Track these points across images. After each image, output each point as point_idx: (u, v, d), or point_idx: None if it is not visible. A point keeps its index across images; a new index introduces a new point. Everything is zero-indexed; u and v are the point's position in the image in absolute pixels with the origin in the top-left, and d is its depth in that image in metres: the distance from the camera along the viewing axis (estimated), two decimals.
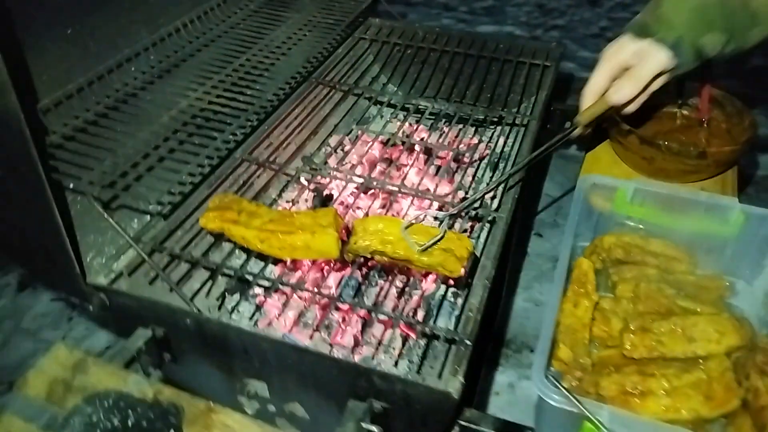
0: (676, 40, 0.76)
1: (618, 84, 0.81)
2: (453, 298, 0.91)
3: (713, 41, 0.76)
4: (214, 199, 0.89)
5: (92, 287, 0.81)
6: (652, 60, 0.78)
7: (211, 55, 1.06)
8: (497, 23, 3.07)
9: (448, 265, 0.78)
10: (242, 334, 0.76)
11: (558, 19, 3.14)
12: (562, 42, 1.35)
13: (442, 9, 3.19)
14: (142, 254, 0.81)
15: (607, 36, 2.89)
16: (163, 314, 0.79)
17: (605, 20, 3.10)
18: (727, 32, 0.76)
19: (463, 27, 2.98)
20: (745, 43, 0.77)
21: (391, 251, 0.80)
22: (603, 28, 3.04)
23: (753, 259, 0.92)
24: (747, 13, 0.75)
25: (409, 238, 0.80)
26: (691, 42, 0.76)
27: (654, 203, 0.94)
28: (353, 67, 1.29)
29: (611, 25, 3.02)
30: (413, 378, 0.72)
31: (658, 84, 0.81)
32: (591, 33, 3.00)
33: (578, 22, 3.11)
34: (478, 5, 3.24)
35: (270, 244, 0.83)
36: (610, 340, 0.83)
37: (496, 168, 1.06)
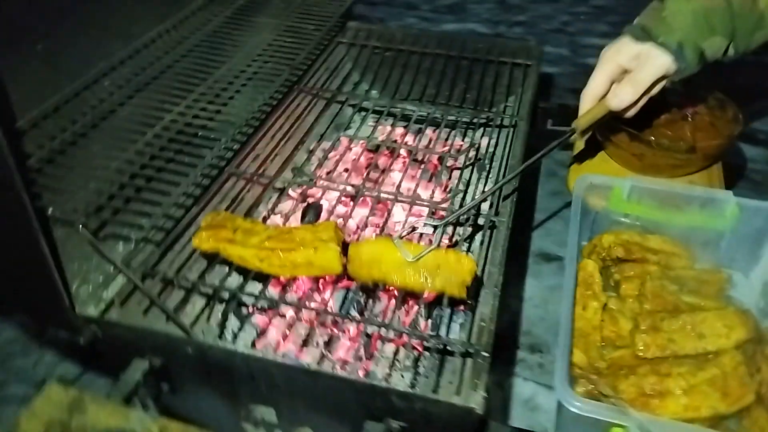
0: (678, 44, 0.75)
1: (618, 88, 0.80)
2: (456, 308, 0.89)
3: (715, 45, 0.75)
4: (206, 217, 0.85)
5: (82, 319, 0.76)
6: (653, 64, 0.77)
7: (190, 65, 1.02)
8: (460, 21, 3.08)
9: (451, 289, 0.76)
10: (249, 360, 0.72)
11: (519, 15, 3.16)
12: (526, 38, 1.35)
13: (404, 8, 3.18)
14: (136, 282, 0.76)
15: (568, 31, 2.93)
16: (161, 344, 0.75)
17: (566, 15, 3.14)
18: (729, 36, 0.75)
19: (427, 26, 2.97)
20: (747, 47, 0.77)
21: (392, 281, 0.77)
22: (564, 23, 3.08)
23: (748, 251, 0.93)
24: (754, 15, 0.74)
25: (402, 248, 0.78)
26: (693, 46, 0.75)
27: (650, 200, 0.94)
28: (334, 72, 1.26)
29: (571, 19, 3.06)
30: (434, 395, 0.70)
31: (658, 88, 0.81)
32: (552, 28, 3.02)
33: (539, 18, 3.14)
34: (441, 3, 3.24)
35: (270, 263, 0.79)
36: (619, 341, 0.83)
37: (489, 171, 1.05)
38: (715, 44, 0.75)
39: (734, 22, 0.74)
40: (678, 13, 0.75)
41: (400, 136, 1.17)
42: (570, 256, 0.82)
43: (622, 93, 0.79)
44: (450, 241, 1.00)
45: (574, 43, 2.80)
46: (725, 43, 0.76)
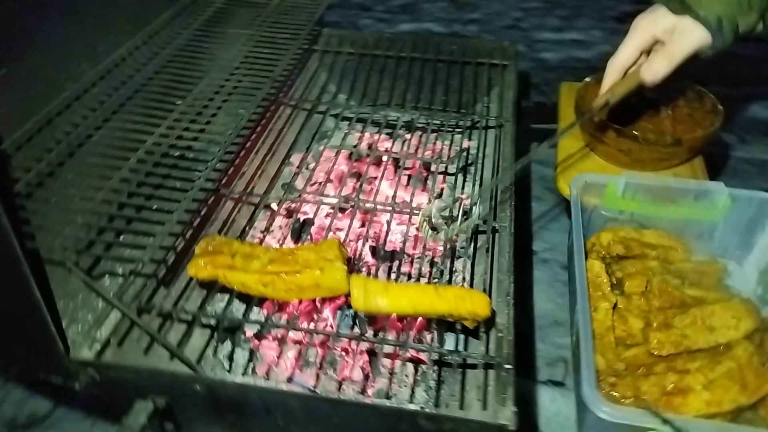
0: (718, 19, 0.73)
1: (653, 61, 0.77)
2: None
3: (748, 22, 0.74)
4: (200, 244, 0.81)
5: (78, 363, 0.71)
6: (691, 38, 0.74)
7: (165, 83, 0.97)
8: (415, 21, 3.08)
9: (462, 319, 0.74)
10: (264, 393, 0.69)
11: (472, 12, 3.18)
12: (481, 35, 1.35)
13: (358, 9, 3.15)
14: (135, 320, 0.71)
15: (521, 26, 2.96)
16: (166, 383, 0.71)
17: (517, 11, 3.18)
18: (761, 12, 0.74)
19: (383, 27, 2.96)
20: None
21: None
22: (516, 19, 3.11)
23: (742, 240, 0.94)
24: None
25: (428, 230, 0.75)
26: (732, 22, 0.73)
27: (644, 195, 0.95)
28: (311, 82, 1.23)
29: (524, 15, 3.10)
30: (464, 415, 0.68)
31: (687, 62, 0.78)
32: (506, 25, 3.05)
33: (492, 15, 3.17)
34: (394, 3, 3.23)
35: (275, 288, 0.76)
36: (630, 339, 0.83)
37: (482, 175, 1.03)
38: (749, 21, 0.74)
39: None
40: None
41: (383, 143, 1.15)
42: (578, 259, 0.81)
43: (657, 65, 0.77)
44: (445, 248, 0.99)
45: (528, 39, 2.83)
46: (757, 18, 0.74)
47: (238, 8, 1.21)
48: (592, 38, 2.80)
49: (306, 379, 0.82)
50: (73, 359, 0.70)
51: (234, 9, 1.21)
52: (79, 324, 0.76)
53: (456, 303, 0.72)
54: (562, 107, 1.29)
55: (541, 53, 2.69)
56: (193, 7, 1.17)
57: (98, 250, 0.71)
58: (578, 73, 2.57)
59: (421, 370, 0.80)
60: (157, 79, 0.98)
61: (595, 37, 2.79)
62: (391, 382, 0.78)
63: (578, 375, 0.81)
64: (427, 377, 0.80)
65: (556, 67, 2.53)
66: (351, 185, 1.02)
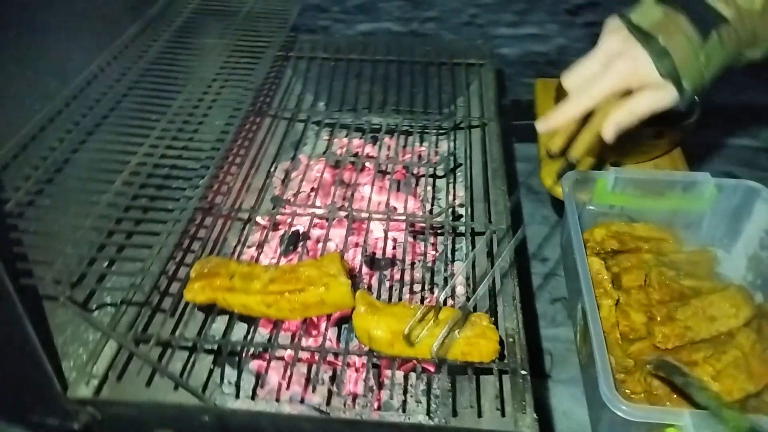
0: (692, 91, 0.67)
1: (615, 117, 0.69)
2: None
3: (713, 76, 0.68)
4: (195, 266, 0.77)
5: (76, 402, 0.67)
6: (664, 100, 0.68)
7: (142, 99, 0.93)
8: (373, 20, 3.06)
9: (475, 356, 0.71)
10: (277, 419, 0.66)
11: (429, 10, 3.19)
12: (439, 33, 1.35)
13: (315, 10, 3.12)
14: (135, 351, 0.68)
15: (477, 23, 2.99)
16: (171, 416, 0.67)
17: (474, 8, 3.20)
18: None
19: (341, 27, 2.93)
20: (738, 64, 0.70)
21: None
22: (473, 15, 3.13)
23: (728, 228, 0.96)
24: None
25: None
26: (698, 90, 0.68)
27: (634, 189, 0.96)
28: (288, 89, 1.20)
29: (479, 11, 3.12)
30: (487, 425, 0.67)
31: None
32: (463, 21, 3.07)
33: (449, 12, 3.18)
34: (350, 4, 3.20)
35: (279, 308, 0.73)
36: (633, 334, 0.83)
37: (471, 176, 1.02)
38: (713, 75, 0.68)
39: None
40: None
41: (368, 149, 1.13)
42: (580, 257, 0.81)
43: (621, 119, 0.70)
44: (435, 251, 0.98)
45: (486, 35, 2.85)
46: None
47: (207, 18, 1.17)
48: (548, 32, 2.84)
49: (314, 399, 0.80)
50: (70, 398, 0.66)
51: (203, 19, 1.16)
52: (72, 360, 0.72)
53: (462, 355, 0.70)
54: (539, 104, 1.30)
55: (499, 49, 2.71)
56: (160, 19, 1.13)
57: (91, 281, 0.67)
58: (538, 67, 2.61)
59: (435, 381, 0.78)
60: (132, 96, 0.93)
61: (551, 30, 2.83)
62: (406, 396, 0.76)
63: (587, 373, 0.82)
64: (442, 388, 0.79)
65: (515, 62, 2.56)
66: (340, 194, 1.00)
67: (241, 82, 0.99)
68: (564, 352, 1.33)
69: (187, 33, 1.11)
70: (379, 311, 0.72)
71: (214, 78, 1.00)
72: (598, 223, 0.97)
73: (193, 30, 1.12)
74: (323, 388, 0.81)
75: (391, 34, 2.90)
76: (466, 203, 0.95)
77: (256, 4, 1.22)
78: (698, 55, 0.65)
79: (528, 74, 2.42)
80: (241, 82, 0.99)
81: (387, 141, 1.14)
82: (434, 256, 0.95)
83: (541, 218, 1.71)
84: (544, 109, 1.25)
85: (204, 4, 1.20)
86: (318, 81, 1.24)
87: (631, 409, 0.65)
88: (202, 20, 1.16)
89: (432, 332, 0.67)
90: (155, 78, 0.97)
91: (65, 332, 0.73)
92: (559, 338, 1.35)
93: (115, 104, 0.91)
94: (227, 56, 1.05)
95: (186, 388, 0.68)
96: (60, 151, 0.80)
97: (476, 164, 1.05)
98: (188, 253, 0.83)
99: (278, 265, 0.79)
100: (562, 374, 1.29)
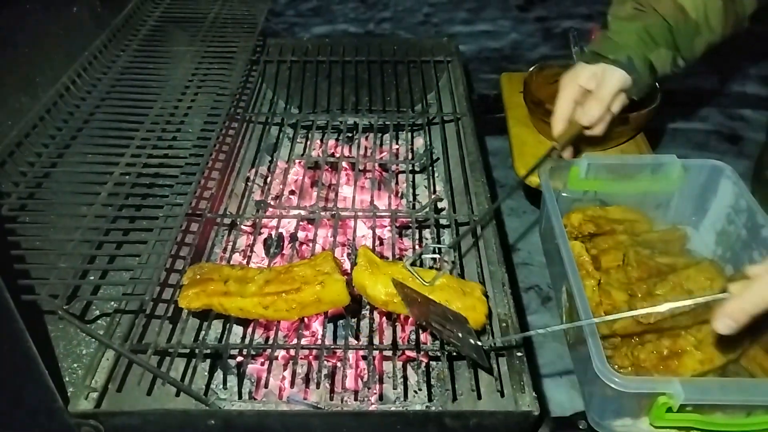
0: (628, 58, 0.81)
1: (585, 106, 0.84)
2: None
3: (661, 56, 0.82)
4: (187, 273, 0.77)
5: (78, 416, 0.66)
6: (610, 80, 0.82)
7: (117, 109, 0.92)
8: (329, 23, 3.07)
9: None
10: (285, 417, 0.67)
11: (384, 11, 3.21)
12: (395, 33, 1.38)
13: (269, 15, 3.10)
14: (136, 360, 0.67)
15: (432, 22, 3.03)
16: (176, 422, 0.67)
17: (427, 7, 3.25)
18: (672, 47, 0.82)
19: (298, 30, 2.93)
20: (692, 54, 0.83)
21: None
22: (427, 15, 3.17)
23: (696, 206, 1.01)
24: (689, 25, 0.81)
25: (415, 274, 0.75)
26: (641, 58, 0.81)
27: (605, 174, 0.99)
28: (260, 93, 1.20)
29: (434, 10, 3.17)
30: (488, 407, 0.69)
31: (619, 102, 0.86)
32: (418, 21, 3.11)
33: (403, 12, 3.21)
34: (304, 7, 3.21)
35: (276, 308, 0.74)
36: (616, 312, 0.87)
37: (449, 169, 1.05)
38: (661, 55, 0.82)
39: (673, 33, 0.81)
40: (622, 32, 0.82)
41: (345, 148, 1.14)
42: (562, 241, 0.84)
43: (589, 110, 0.84)
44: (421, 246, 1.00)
45: (441, 33, 2.89)
46: (670, 54, 0.82)
47: (173, 26, 1.16)
48: (501, 28, 2.90)
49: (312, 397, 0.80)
50: (72, 412, 0.65)
51: (169, 26, 1.16)
52: (67, 374, 0.71)
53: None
54: (506, 97, 1.33)
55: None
56: (125, 29, 1.11)
57: (85, 293, 0.66)
58: (494, 63, 2.66)
59: (434, 369, 0.80)
60: (106, 107, 0.92)
61: (504, 26, 2.90)
62: (406, 386, 0.78)
63: (576, 352, 0.84)
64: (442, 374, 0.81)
65: (473, 59, 2.61)
66: (321, 195, 1.01)
67: (216, 88, 0.99)
68: (540, 338, 1.37)
69: (155, 41, 1.10)
70: (378, 269, 0.75)
71: (187, 85, 0.99)
72: (574, 208, 1.01)
73: (160, 38, 1.11)
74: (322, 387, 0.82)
75: (348, 35, 2.92)
76: (446, 196, 0.97)
77: (222, 11, 1.22)
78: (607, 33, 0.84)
79: (485, 70, 2.47)
80: (216, 87, 0.99)
81: (363, 141, 1.16)
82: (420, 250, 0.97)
83: (509, 209, 1.76)
84: (511, 101, 1.29)
85: (168, 13, 1.19)
86: (289, 84, 1.25)
87: (624, 381, 0.68)
88: (169, 28, 1.15)
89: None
90: (127, 88, 0.96)
91: (61, 346, 0.72)
92: (535, 325, 1.39)
93: (89, 116, 0.89)
94: (198, 62, 1.05)
95: (190, 393, 0.68)
96: (40, 165, 0.79)
97: (453, 158, 1.07)
98: (177, 259, 0.82)
99: (271, 267, 0.79)
100: (539, 360, 1.34)
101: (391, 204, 0.95)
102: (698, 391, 0.67)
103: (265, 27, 1.34)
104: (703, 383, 0.70)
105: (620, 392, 0.69)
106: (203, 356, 0.74)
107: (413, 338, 0.82)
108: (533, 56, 2.59)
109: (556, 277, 0.95)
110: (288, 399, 0.80)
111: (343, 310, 0.85)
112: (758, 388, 0.69)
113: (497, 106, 1.36)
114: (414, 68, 1.26)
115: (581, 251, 0.90)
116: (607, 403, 0.74)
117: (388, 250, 0.94)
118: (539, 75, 1.22)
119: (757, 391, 0.68)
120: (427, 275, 0.75)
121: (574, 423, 0.78)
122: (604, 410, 0.74)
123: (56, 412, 0.64)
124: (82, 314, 0.69)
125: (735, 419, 0.72)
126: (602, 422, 0.75)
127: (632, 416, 0.73)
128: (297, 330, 0.79)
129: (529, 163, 1.11)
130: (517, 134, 1.21)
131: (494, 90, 1.42)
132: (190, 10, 1.20)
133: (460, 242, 0.89)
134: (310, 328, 0.90)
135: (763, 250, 0.87)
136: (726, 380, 0.68)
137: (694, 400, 0.67)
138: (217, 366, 0.78)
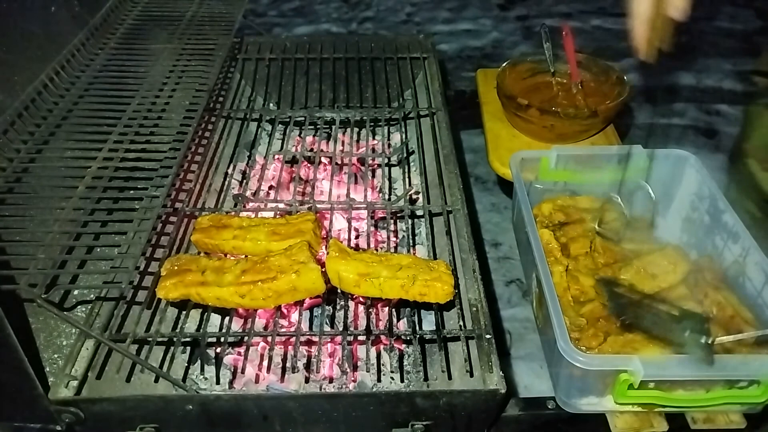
0: None
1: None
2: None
3: None
4: (165, 264, 0.79)
5: (58, 403, 0.67)
6: None
7: (95, 106, 0.93)
8: (312, 23, 3.09)
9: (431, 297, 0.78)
10: (261, 400, 0.69)
11: (366, 11, 3.24)
12: (377, 33, 1.41)
13: (252, 15, 3.11)
14: (116, 348, 0.69)
15: (415, 21, 3.06)
16: (155, 408, 0.69)
17: (409, 6, 3.28)
18: None
19: (280, 31, 2.95)
20: None
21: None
22: (409, 14, 3.20)
23: (661, 194, 1.04)
24: None
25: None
26: None
27: (575, 165, 1.03)
28: (239, 90, 1.22)
29: (416, 10, 3.20)
30: (458, 387, 0.72)
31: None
32: (400, 20, 3.14)
33: (386, 12, 3.24)
34: (287, 7, 3.22)
35: (252, 297, 0.76)
36: (583, 296, 0.90)
37: (425, 163, 1.07)
38: None
39: None
40: None
41: (323, 143, 1.16)
42: (531, 230, 0.87)
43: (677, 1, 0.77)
44: (396, 237, 1.02)
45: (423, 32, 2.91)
46: None
47: (151, 24, 1.18)
48: (482, 27, 2.94)
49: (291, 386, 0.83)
50: (52, 400, 0.67)
51: (147, 24, 1.17)
52: (47, 363, 0.73)
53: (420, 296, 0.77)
54: (482, 92, 1.36)
55: (438, 45, 2.79)
56: (103, 27, 1.12)
57: (63, 282, 0.68)
58: (475, 61, 2.69)
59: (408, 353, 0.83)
60: (84, 103, 0.93)
61: (485, 25, 2.93)
62: (380, 371, 0.80)
63: (545, 335, 0.87)
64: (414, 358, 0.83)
65: (454, 57, 2.64)
66: (299, 190, 1.03)
67: (194, 85, 1.00)
68: (521, 330, 1.40)
69: (133, 39, 1.11)
70: (348, 256, 0.79)
71: (164, 81, 1.01)
72: (545, 198, 1.04)
73: (138, 36, 1.12)
74: (299, 375, 0.85)
75: (331, 35, 2.94)
76: (422, 188, 1.00)
77: (200, 9, 1.23)
78: None
79: (467, 68, 2.51)
80: (194, 84, 1.01)
81: (340, 136, 1.18)
82: (396, 242, 1.00)
83: (490, 205, 1.79)
84: (487, 97, 1.32)
85: (146, 11, 1.20)
86: (267, 81, 1.27)
87: (587, 359, 0.71)
88: (146, 26, 1.17)
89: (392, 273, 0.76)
90: (106, 84, 0.98)
91: (41, 338, 0.73)
92: (516, 318, 1.42)
93: (67, 113, 0.91)
94: (176, 60, 1.06)
95: (168, 378, 0.69)
96: (18, 160, 0.80)
97: (428, 152, 1.10)
98: (156, 248, 0.84)
99: (248, 258, 0.81)
100: (520, 351, 1.36)
101: (368, 197, 0.97)
102: (657, 367, 0.71)
103: (246, 27, 1.36)
104: (663, 360, 0.73)
105: (584, 371, 0.72)
106: (181, 344, 0.76)
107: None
108: (514, 54, 2.63)
109: (527, 264, 0.98)
110: (267, 388, 0.83)
111: (320, 300, 0.88)
112: (716, 364, 0.72)
113: (475, 102, 1.39)
114: (391, 65, 1.29)
115: (550, 239, 0.93)
116: (573, 382, 0.77)
117: (363, 242, 0.96)
118: (512, 70, 1.25)
119: (715, 367, 0.71)
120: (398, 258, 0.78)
121: (543, 403, 0.81)
122: (570, 389, 0.77)
123: (37, 400, 0.66)
124: (61, 303, 0.71)
125: (695, 395, 0.75)
126: (569, 401, 0.78)
127: (597, 394, 0.77)
128: (274, 318, 0.81)
129: (503, 157, 1.14)
130: (491, 128, 1.24)
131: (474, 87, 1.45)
132: (168, 9, 1.21)
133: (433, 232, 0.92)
134: (288, 318, 0.92)
135: (724, 234, 0.91)
136: (685, 357, 0.71)
137: (653, 376, 0.70)
138: (195, 355, 0.79)
